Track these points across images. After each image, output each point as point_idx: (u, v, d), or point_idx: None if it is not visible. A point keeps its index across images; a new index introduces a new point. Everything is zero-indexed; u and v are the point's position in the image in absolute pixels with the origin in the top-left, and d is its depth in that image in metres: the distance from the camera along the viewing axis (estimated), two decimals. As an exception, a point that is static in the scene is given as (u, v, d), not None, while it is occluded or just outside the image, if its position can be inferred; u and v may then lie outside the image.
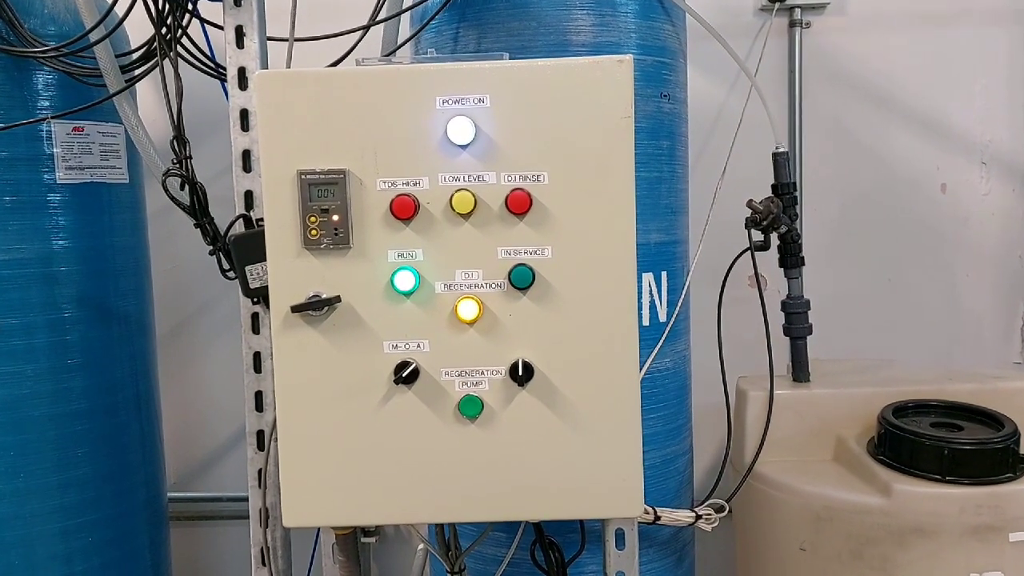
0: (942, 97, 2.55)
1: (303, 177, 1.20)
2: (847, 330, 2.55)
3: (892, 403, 1.84)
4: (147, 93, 2.16)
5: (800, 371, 2.00)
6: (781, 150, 1.97)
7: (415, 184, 1.22)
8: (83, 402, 1.92)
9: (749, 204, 1.92)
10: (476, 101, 1.21)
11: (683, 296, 1.90)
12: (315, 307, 1.21)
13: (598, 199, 1.23)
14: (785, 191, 1.96)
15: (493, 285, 1.24)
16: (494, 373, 1.25)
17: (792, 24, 2.51)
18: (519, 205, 1.22)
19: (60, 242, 1.85)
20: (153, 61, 1.58)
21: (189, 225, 1.53)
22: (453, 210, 1.21)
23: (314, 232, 1.21)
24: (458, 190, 1.21)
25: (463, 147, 1.21)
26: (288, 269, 1.23)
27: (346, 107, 1.21)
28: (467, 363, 1.25)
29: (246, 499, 1.57)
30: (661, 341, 1.82)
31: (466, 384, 1.25)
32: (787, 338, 2.03)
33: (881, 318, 2.60)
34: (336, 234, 1.22)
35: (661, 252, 1.85)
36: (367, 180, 1.22)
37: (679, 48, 1.88)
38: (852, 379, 2.02)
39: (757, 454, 1.87)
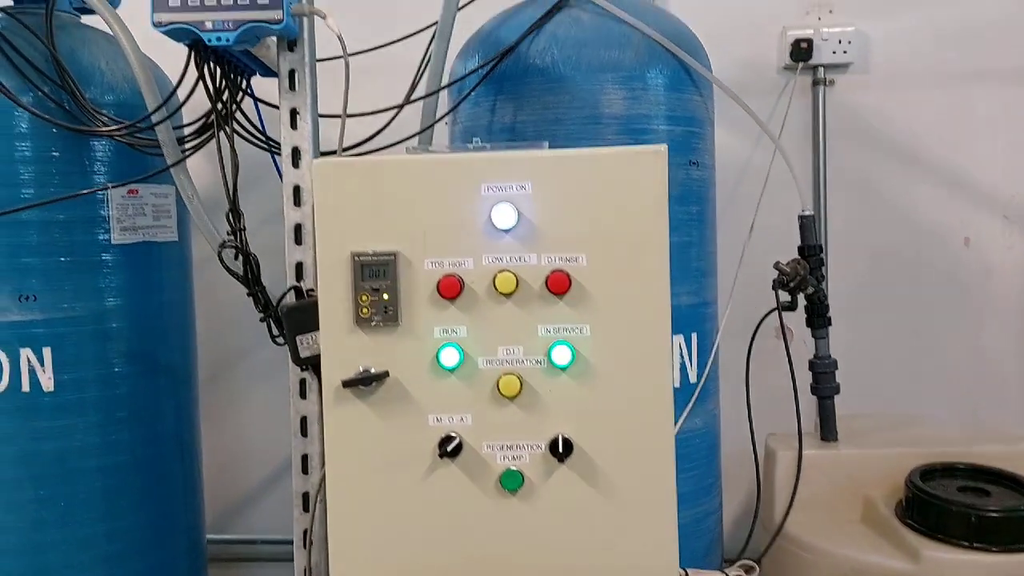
0: (965, 153, 2.59)
1: (356, 259, 1.27)
2: (873, 383, 2.58)
3: (920, 466, 1.87)
4: (196, 159, 2.24)
5: (828, 430, 2.04)
6: (807, 213, 2.03)
7: (461, 265, 1.28)
8: (130, 454, 1.98)
9: (776, 266, 1.97)
10: (518, 188, 1.27)
11: (712, 357, 1.95)
12: (365, 382, 1.27)
13: (634, 279, 1.29)
14: (812, 253, 2.01)
15: (533, 361, 1.30)
16: (534, 448, 1.30)
17: (816, 83, 2.58)
18: (559, 285, 1.28)
19: (112, 300, 1.92)
20: (208, 134, 1.66)
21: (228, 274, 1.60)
22: (496, 290, 1.28)
23: (365, 311, 1.28)
24: (501, 271, 1.27)
25: (506, 231, 1.27)
26: (340, 345, 1.29)
27: (396, 193, 1.27)
28: (508, 437, 1.30)
29: (282, 542, 1.62)
30: (692, 402, 1.87)
31: (507, 458, 1.30)
32: (814, 396, 2.07)
33: (907, 371, 2.63)
34: (386, 312, 1.28)
35: (692, 314, 1.91)
36: (416, 261, 1.28)
37: (707, 116, 1.95)
38: (879, 438, 2.05)
39: (786, 514, 1.91)
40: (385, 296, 1.28)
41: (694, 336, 1.91)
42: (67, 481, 1.90)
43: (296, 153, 1.51)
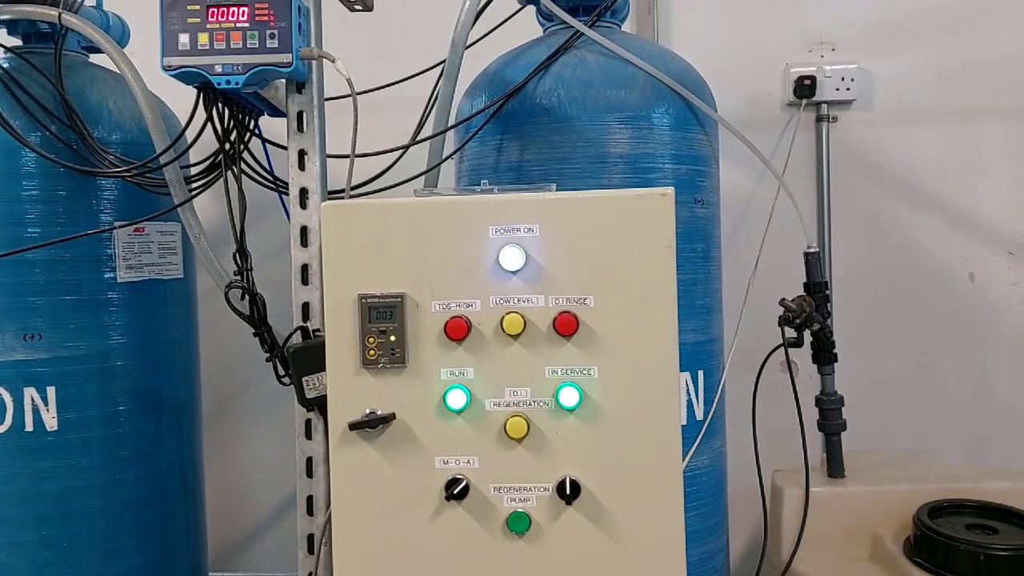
0: (969, 188, 2.60)
1: (363, 301, 1.27)
2: (879, 418, 2.58)
3: (927, 503, 1.86)
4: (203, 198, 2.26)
5: (835, 467, 2.02)
6: (812, 250, 2.02)
7: (468, 306, 1.28)
8: (133, 493, 1.97)
9: (782, 303, 1.97)
10: (526, 230, 1.27)
11: (719, 394, 1.94)
12: (371, 424, 1.27)
13: (642, 321, 1.29)
14: (817, 290, 2.01)
15: (541, 403, 1.29)
16: (542, 490, 1.29)
17: (819, 119, 2.59)
18: (566, 327, 1.27)
19: (117, 338, 1.92)
20: (216, 174, 1.67)
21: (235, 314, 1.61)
22: (503, 331, 1.28)
23: (372, 352, 1.28)
24: (508, 312, 1.27)
25: (514, 272, 1.28)
26: (347, 387, 1.29)
27: (404, 235, 1.28)
28: (515, 480, 1.30)
29: (284, 578, 1.60)
30: (698, 440, 1.86)
31: (514, 500, 1.30)
32: (821, 433, 2.06)
33: (913, 406, 2.62)
34: (393, 354, 1.28)
35: (697, 352, 1.90)
36: (423, 302, 1.28)
37: (712, 155, 1.96)
38: (886, 474, 2.04)
39: (794, 553, 1.89)
40: (392, 338, 1.28)
41: (700, 373, 1.91)
42: (70, 521, 1.89)
43: (304, 194, 1.52)
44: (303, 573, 1.55)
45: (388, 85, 2.04)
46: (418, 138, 1.76)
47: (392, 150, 1.72)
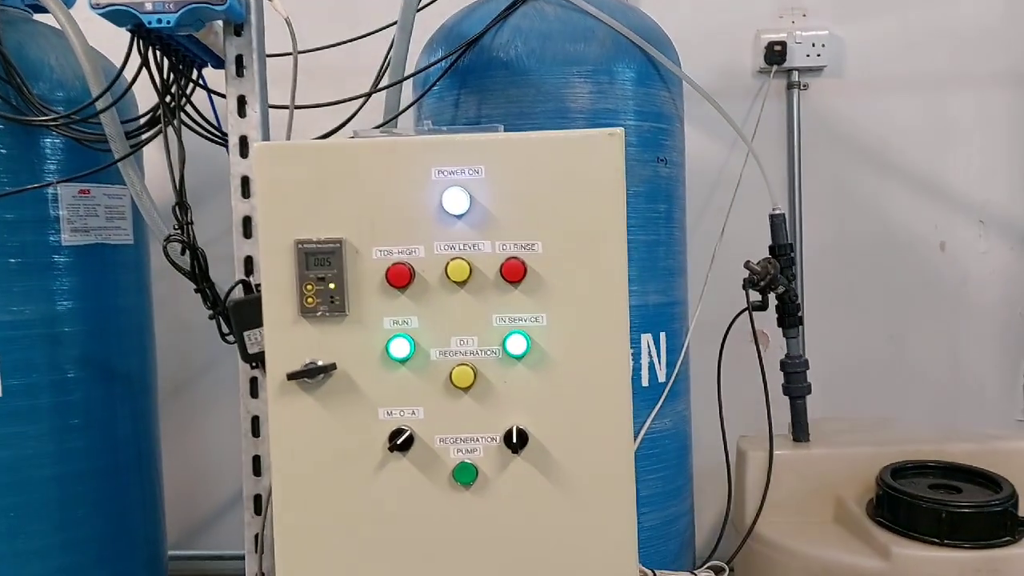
0: (940, 157, 2.58)
1: (300, 246, 1.23)
2: (848, 389, 2.55)
3: (891, 464, 1.83)
4: (154, 155, 2.20)
5: (800, 431, 2.00)
6: (778, 212, 1.99)
7: (411, 253, 1.24)
8: (85, 462, 1.92)
9: (747, 265, 1.93)
10: (471, 172, 1.23)
11: (682, 356, 1.91)
12: (311, 375, 1.23)
13: (591, 267, 1.25)
14: (782, 252, 1.98)
15: (488, 352, 1.25)
16: (489, 440, 1.25)
17: (790, 86, 2.56)
18: (514, 273, 1.23)
19: (64, 303, 1.87)
20: (157, 128, 1.61)
21: (192, 284, 1.56)
22: (448, 278, 1.23)
23: (311, 300, 1.23)
24: (453, 259, 1.23)
25: (458, 217, 1.23)
26: (284, 336, 1.24)
27: (343, 178, 1.23)
28: (462, 430, 1.25)
29: (246, 558, 1.57)
30: (660, 401, 1.83)
31: (461, 451, 1.26)
32: (787, 397, 2.03)
33: (882, 377, 2.60)
34: (332, 302, 1.23)
35: (660, 313, 1.87)
36: (363, 249, 1.24)
37: (676, 113, 1.92)
38: (852, 439, 2.02)
39: (757, 515, 1.86)
40: (331, 285, 1.23)
41: (663, 335, 1.87)
42: (20, 490, 1.84)
43: (244, 142, 1.47)
44: (249, 535, 1.50)
45: (344, 42, 1.99)
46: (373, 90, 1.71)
47: (342, 101, 1.67)
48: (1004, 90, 2.54)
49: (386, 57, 1.89)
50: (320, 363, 1.24)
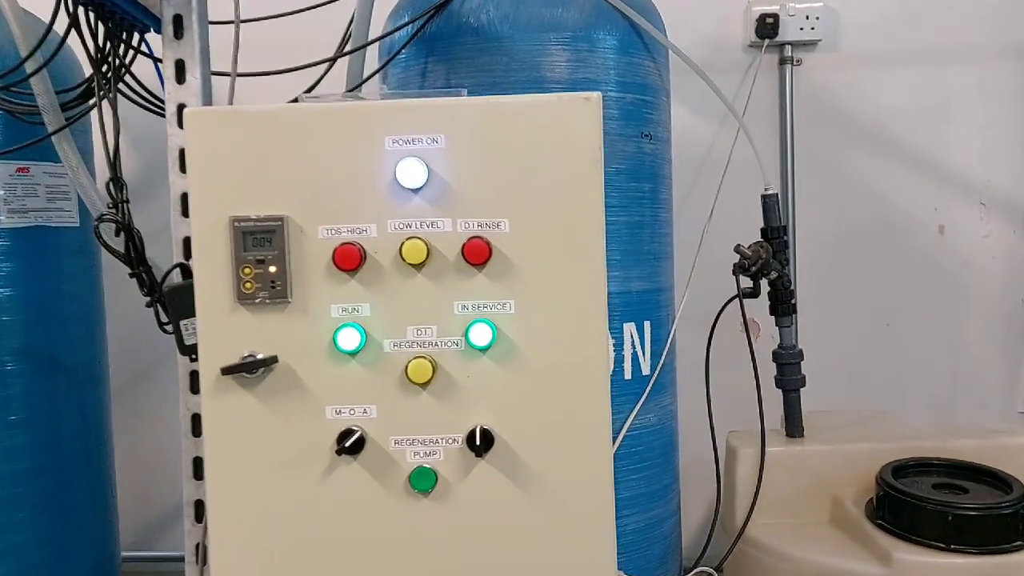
0: (939, 135, 2.46)
1: (237, 224, 1.09)
2: (843, 379, 2.43)
3: (892, 462, 1.71)
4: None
5: (793, 426, 1.87)
6: (770, 192, 1.87)
7: (361, 232, 1.10)
8: (25, 461, 1.79)
9: (737, 249, 1.81)
10: (429, 141, 1.09)
11: (668, 347, 1.78)
12: (249, 369, 1.09)
13: (565, 248, 1.11)
14: (775, 235, 1.85)
15: (449, 343, 1.12)
16: (450, 442, 1.12)
17: (783, 61, 2.43)
18: (477, 255, 1.10)
19: (2, 291, 1.73)
20: (93, 99, 1.47)
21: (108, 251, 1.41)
22: (403, 260, 1.10)
23: (248, 285, 1.09)
24: (409, 238, 1.09)
25: (415, 191, 1.10)
26: (220, 326, 1.11)
27: (285, 148, 1.09)
28: (419, 430, 1.12)
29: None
30: (644, 395, 1.70)
31: (418, 454, 1.12)
32: (779, 390, 1.91)
33: (879, 366, 2.48)
34: (273, 287, 1.10)
35: (644, 301, 1.74)
36: (308, 228, 1.10)
37: (661, 85, 1.79)
38: (848, 434, 1.89)
39: (748, 517, 1.74)
40: (272, 268, 1.09)
41: (647, 324, 1.74)
42: (-45, 491, 1.71)
43: (182, 111, 1.33)
44: (190, 544, 1.37)
45: (300, 11, 1.83)
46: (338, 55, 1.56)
47: (297, 68, 1.53)
48: (1007, 65, 2.42)
49: (350, 22, 1.75)
50: (259, 356, 1.10)
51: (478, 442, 1.09)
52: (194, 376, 1.38)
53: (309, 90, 1.64)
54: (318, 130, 1.09)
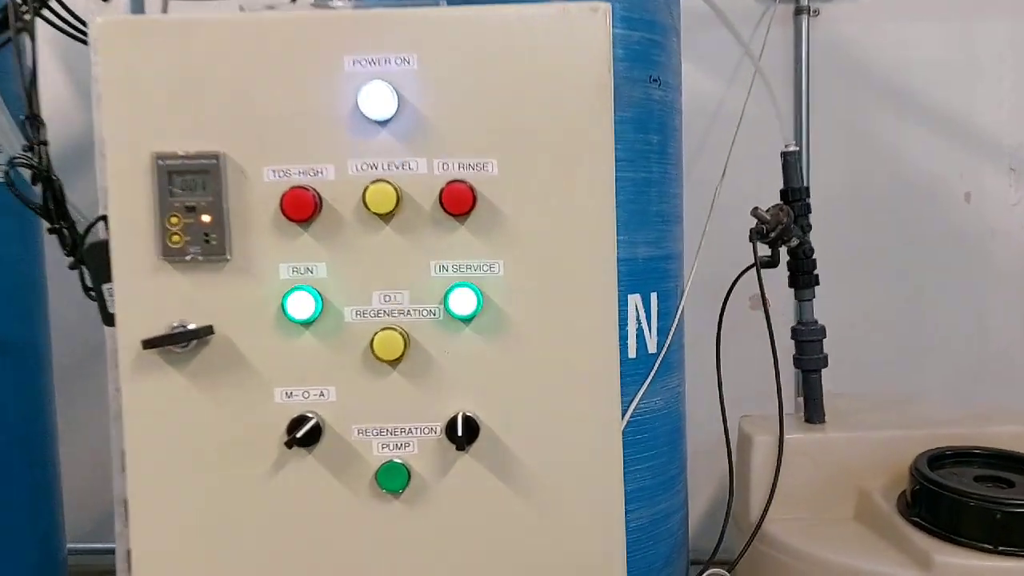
0: (966, 94, 2.29)
1: (161, 163, 0.88)
2: (860, 356, 2.24)
3: (927, 451, 1.52)
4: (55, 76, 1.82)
5: (814, 410, 1.68)
6: (791, 148, 1.66)
7: (316, 174, 0.90)
8: (-46, 448, 1.59)
9: (755, 213, 1.60)
10: (399, 62, 0.89)
11: (676, 322, 1.58)
12: (177, 341, 0.89)
13: (566, 196, 0.91)
14: (796, 197, 1.65)
15: (424, 312, 0.92)
16: (425, 432, 0.92)
17: (798, 11, 2.25)
18: (459, 203, 0.90)
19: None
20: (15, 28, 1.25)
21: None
22: (368, 209, 0.89)
23: (176, 238, 0.89)
24: (374, 182, 0.89)
25: (381, 124, 0.89)
26: (140, 289, 0.90)
27: (221, 69, 0.88)
28: (388, 418, 0.92)
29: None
30: (650, 377, 1.50)
31: (387, 446, 0.93)
32: (797, 370, 1.72)
33: (899, 342, 2.31)
34: (207, 241, 0.89)
35: (651, 269, 1.54)
36: (250, 168, 0.89)
37: (672, 25, 1.58)
38: (874, 419, 1.71)
39: (765, 511, 1.55)
40: (205, 218, 0.89)
41: (653, 297, 1.54)
42: None
43: (106, 32, 1.11)
44: (121, 549, 1.17)
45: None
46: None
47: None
48: (1042, 18, 2.23)
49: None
50: (191, 326, 0.90)
51: (460, 432, 0.89)
52: (124, 351, 1.17)
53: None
54: (262, 46, 0.88)
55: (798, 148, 1.68)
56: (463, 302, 0.91)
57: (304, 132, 0.89)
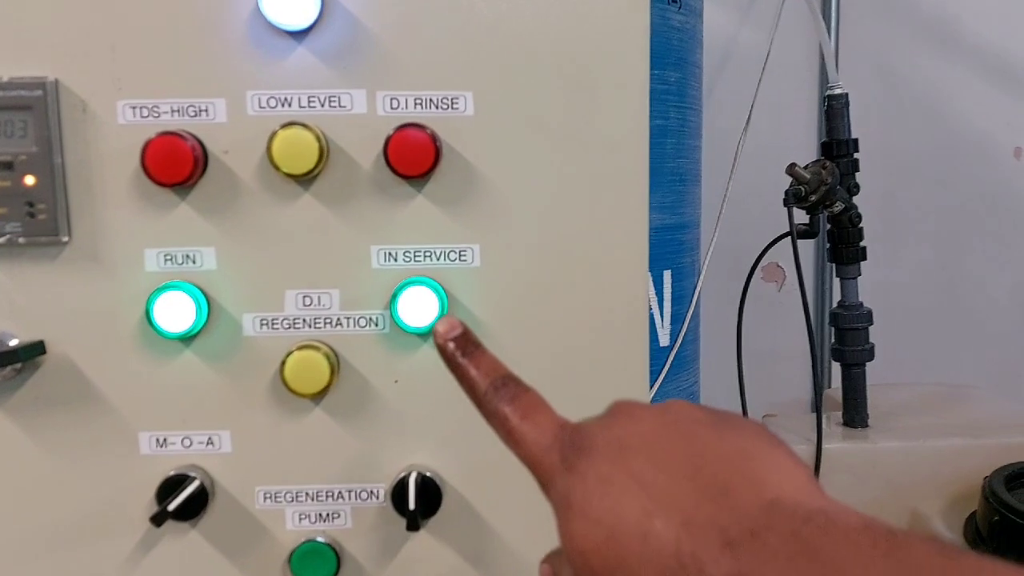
0: (1017, 34, 1.98)
1: (-50, 93, 0.57)
2: (893, 336, 1.96)
3: (1002, 467, 1.25)
4: None
5: (856, 412, 1.40)
6: (837, 91, 1.36)
7: (197, 113, 0.59)
8: None
9: (791, 171, 1.30)
10: (322, -59, 0.58)
11: (692, 308, 1.29)
12: (-15, 366, 0.59)
13: (575, 149, 0.61)
14: (842, 152, 1.36)
15: (362, 321, 0.62)
16: (363, 497, 0.63)
17: (829, -69, 1.92)
18: (415, 159, 0.59)
19: None
20: None
21: None
22: (277, 168, 0.59)
23: (-20, 210, 0.58)
24: (286, 125, 0.58)
25: (297, 35, 0.58)
26: (-72, 286, 0.60)
27: (44, -54, 0.57)
28: (308, 477, 0.63)
29: None
30: (662, 376, 1.22)
31: (307, 518, 0.63)
32: (837, 363, 1.44)
33: (937, 320, 2.03)
34: (31, 215, 0.59)
35: (665, 241, 1.24)
36: (96, 103, 0.59)
37: (694, -67, 1.26)
38: (925, 421, 1.43)
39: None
40: (28, 180, 0.58)
41: (667, 276, 1.25)
42: None
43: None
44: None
45: None
46: None
47: None
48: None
49: None
50: (12, 342, 0.60)
51: (412, 503, 0.60)
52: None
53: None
54: (104, -90, 0.57)
55: (845, 91, 1.37)
56: (419, 306, 0.61)
57: (178, 50, 0.58)
